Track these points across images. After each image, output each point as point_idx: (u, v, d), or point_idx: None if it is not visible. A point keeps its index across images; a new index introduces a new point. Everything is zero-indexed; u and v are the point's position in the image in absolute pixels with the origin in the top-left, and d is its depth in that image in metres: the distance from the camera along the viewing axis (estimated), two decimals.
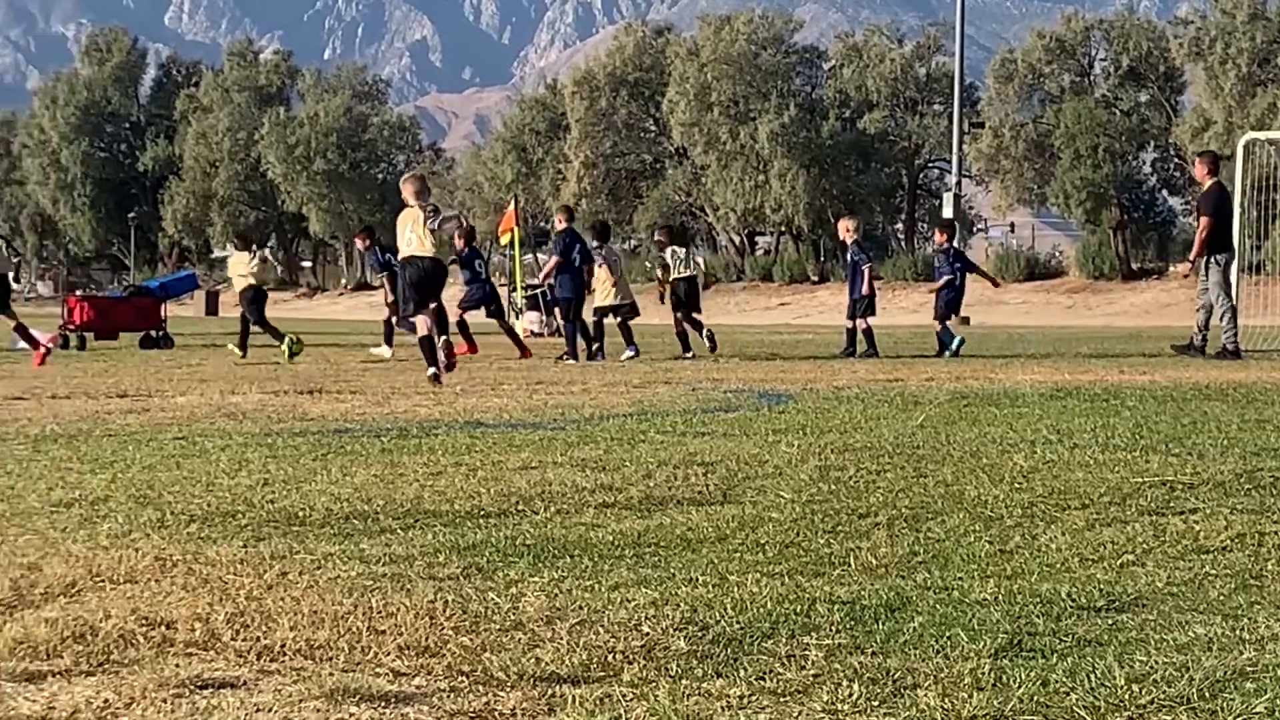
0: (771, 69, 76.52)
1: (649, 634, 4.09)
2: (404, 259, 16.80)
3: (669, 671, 3.73)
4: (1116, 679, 3.60)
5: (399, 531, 5.81)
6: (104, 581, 4.84)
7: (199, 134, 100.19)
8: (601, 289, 22.28)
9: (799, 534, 5.73)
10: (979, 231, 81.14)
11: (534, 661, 3.80)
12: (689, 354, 22.16)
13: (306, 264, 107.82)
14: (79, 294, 35.64)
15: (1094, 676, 3.64)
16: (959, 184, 57.68)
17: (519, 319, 33.98)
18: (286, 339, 22.77)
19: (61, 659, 3.88)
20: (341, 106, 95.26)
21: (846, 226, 23.95)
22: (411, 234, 16.64)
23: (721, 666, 3.78)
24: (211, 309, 70.79)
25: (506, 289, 36.18)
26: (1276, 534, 5.70)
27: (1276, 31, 62.21)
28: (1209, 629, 4.16)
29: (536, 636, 4.08)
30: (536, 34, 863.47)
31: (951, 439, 9.22)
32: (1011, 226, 79.12)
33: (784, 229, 79.87)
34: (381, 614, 4.31)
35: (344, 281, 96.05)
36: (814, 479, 7.27)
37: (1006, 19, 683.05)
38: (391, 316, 24.59)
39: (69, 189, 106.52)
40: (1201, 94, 63.37)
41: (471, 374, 17.50)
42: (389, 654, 3.91)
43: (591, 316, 22.31)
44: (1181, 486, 6.97)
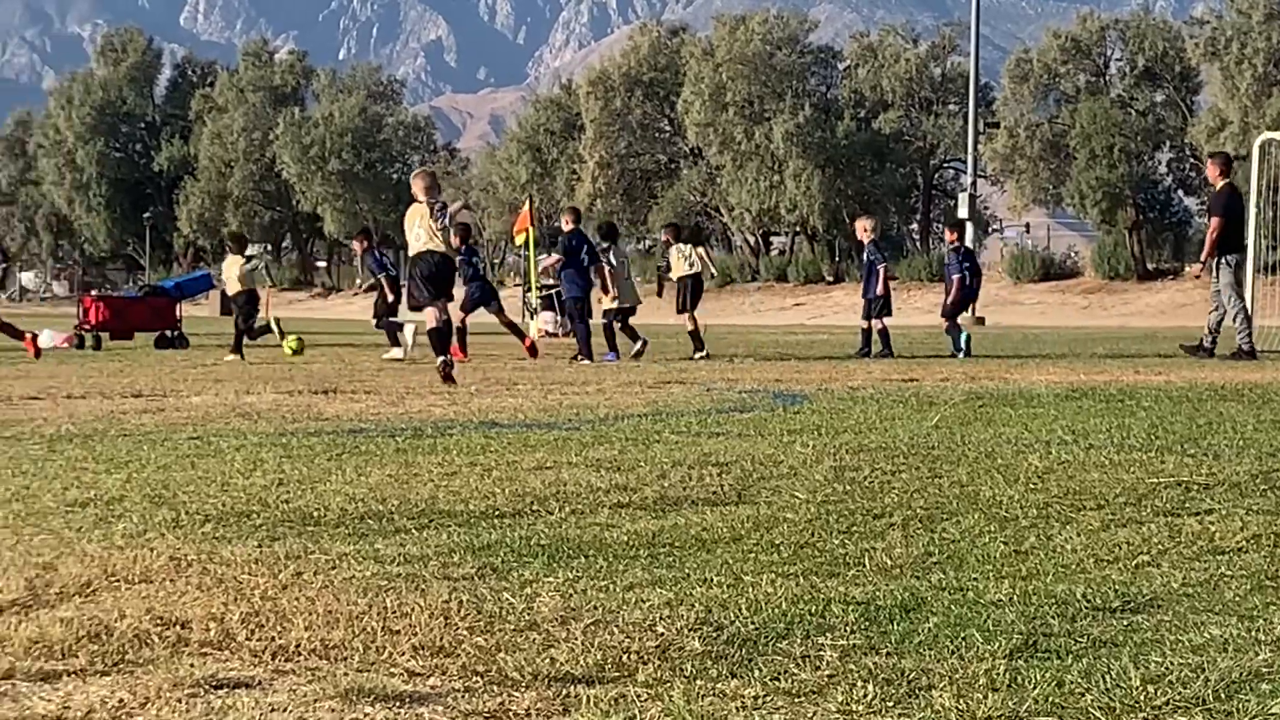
0: (786, 69, 76.48)
1: (664, 634, 4.09)
2: (414, 255, 16.87)
3: (684, 672, 3.73)
4: (1132, 680, 3.59)
5: (414, 531, 5.80)
6: (119, 581, 4.84)
7: (214, 134, 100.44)
8: (611, 291, 22.32)
9: (814, 534, 5.72)
10: (994, 232, 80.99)
11: (549, 662, 3.80)
12: (703, 352, 22.17)
13: (321, 264, 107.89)
14: (94, 294, 35.64)
15: (1109, 677, 3.63)
16: (974, 184, 57.54)
17: (533, 319, 34.00)
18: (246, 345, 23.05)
19: (76, 658, 3.88)
20: (356, 106, 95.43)
21: (864, 226, 23.95)
22: (420, 229, 16.72)
23: (736, 667, 3.78)
24: (226, 309, 70.67)
25: (522, 289, 36.19)
26: None
27: None
28: (1224, 630, 4.15)
29: (551, 637, 4.08)
30: (551, 34, 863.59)
31: (966, 439, 9.21)
32: (1027, 227, 78.89)
33: (799, 229, 79.84)
34: (396, 614, 4.31)
35: (359, 281, 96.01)
36: (829, 479, 7.27)
37: (1022, 19, 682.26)
38: (385, 316, 24.63)
39: (84, 189, 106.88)
40: (1217, 94, 63.23)
41: (486, 374, 17.52)
42: (404, 654, 3.90)
43: (601, 319, 22.35)
44: (1197, 487, 6.96)
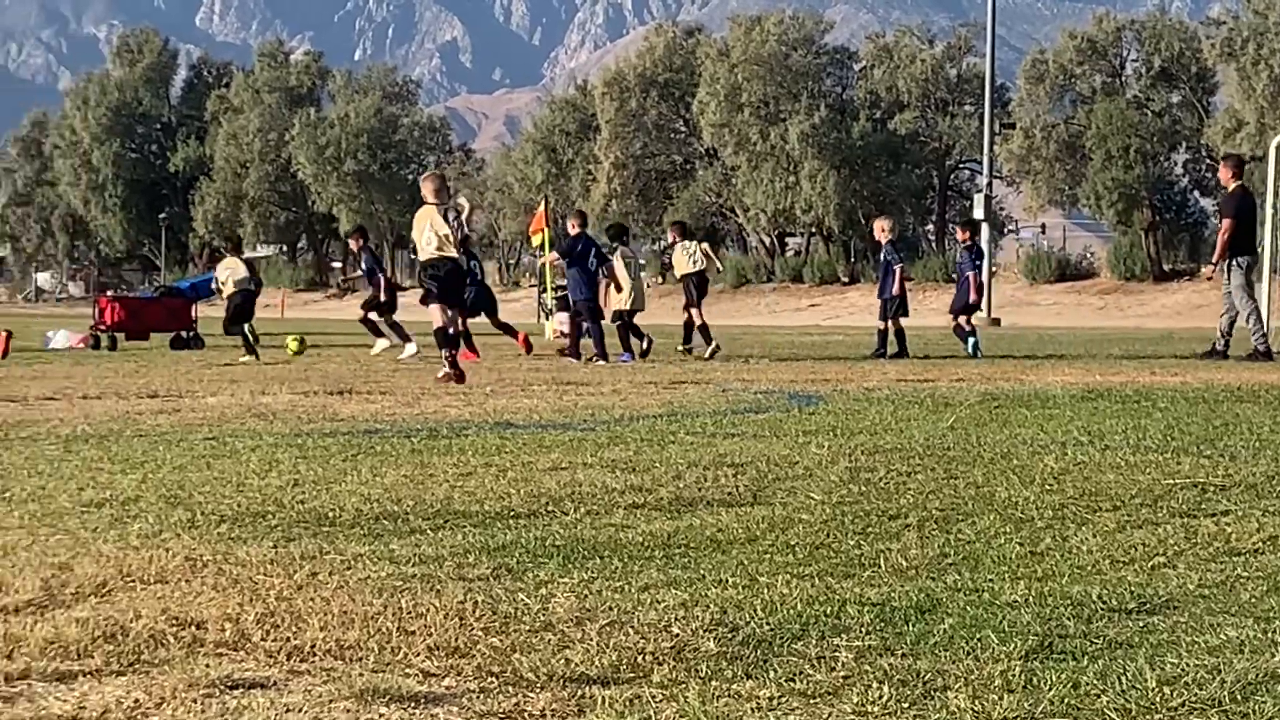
0: (802, 70, 76.49)
1: (679, 635, 4.08)
2: (423, 263, 16.99)
3: (699, 673, 3.73)
4: (1148, 681, 3.59)
5: (429, 532, 5.81)
6: (135, 582, 4.85)
7: (230, 135, 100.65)
8: (620, 292, 22.35)
9: (829, 535, 5.72)
10: (1010, 233, 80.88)
11: (564, 662, 3.80)
12: (714, 347, 22.25)
13: (337, 265, 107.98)
14: (110, 294, 35.67)
15: (1125, 679, 3.62)
16: (990, 185, 57.46)
17: (549, 319, 34.02)
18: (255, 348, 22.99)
19: (92, 659, 3.88)
20: (372, 107, 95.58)
21: (882, 227, 23.98)
22: (431, 233, 16.76)
23: (751, 668, 3.78)
24: None
25: (537, 289, 36.24)
26: None
27: None
28: (1240, 631, 4.14)
29: (566, 637, 4.08)
30: (567, 35, 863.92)
31: (982, 440, 9.20)
32: (1043, 228, 78.79)
33: (814, 230, 79.82)
34: (411, 614, 4.31)
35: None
36: (844, 480, 7.26)
37: (1038, 20, 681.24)
38: (374, 314, 24.62)
39: (100, 190, 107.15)
40: (1234, 95, 63.13)
41: (501, 375, 17.53)
42: (419, 655, 3.91)
43: (613, 321, 22.37)
44: (1213, 489, 6.94)
